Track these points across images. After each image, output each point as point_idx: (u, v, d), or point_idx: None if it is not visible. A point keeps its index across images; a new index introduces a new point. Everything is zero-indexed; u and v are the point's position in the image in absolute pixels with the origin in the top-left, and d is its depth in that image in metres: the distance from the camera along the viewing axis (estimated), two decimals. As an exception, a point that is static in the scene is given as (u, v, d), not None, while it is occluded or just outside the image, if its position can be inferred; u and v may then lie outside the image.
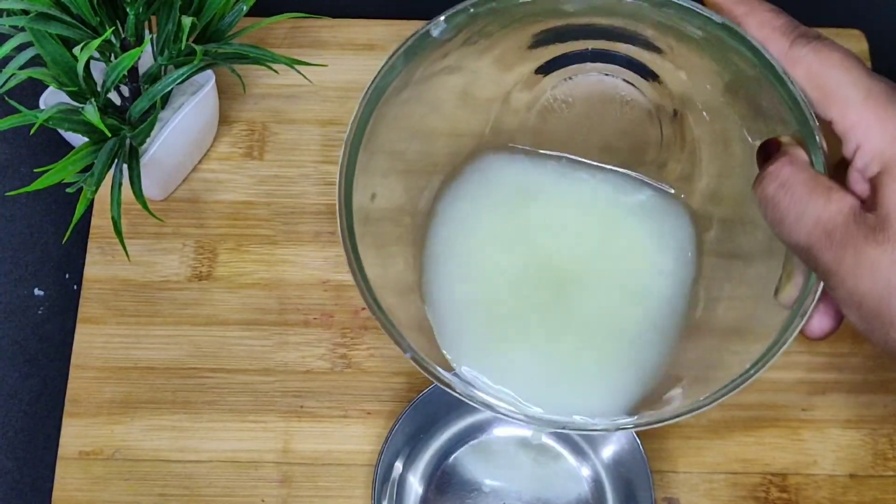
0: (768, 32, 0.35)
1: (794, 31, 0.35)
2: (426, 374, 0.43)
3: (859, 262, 0.33)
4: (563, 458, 0.53)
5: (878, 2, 0.67)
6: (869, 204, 0.34)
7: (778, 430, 0.54)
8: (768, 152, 0.38)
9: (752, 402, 0.54)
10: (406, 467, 0.52)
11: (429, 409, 0.52)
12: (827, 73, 0.34)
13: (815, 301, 0.37)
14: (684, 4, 0.36)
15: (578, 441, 0.53)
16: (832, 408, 0.54)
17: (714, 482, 0.53)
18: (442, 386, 0.43)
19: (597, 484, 0.52)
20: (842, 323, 0.39)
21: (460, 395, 0.43)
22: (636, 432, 0.49)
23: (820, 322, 0.38)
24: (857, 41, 0.63)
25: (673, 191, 0.46)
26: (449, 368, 0.44)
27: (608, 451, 0.52)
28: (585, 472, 0.52)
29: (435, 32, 0.37)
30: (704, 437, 0.54)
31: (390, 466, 0.51)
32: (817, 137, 0.35)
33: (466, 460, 0.53)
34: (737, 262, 0.45)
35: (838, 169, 0.36)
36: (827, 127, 0.36)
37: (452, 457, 0.53)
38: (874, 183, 0.34)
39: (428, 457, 0.53)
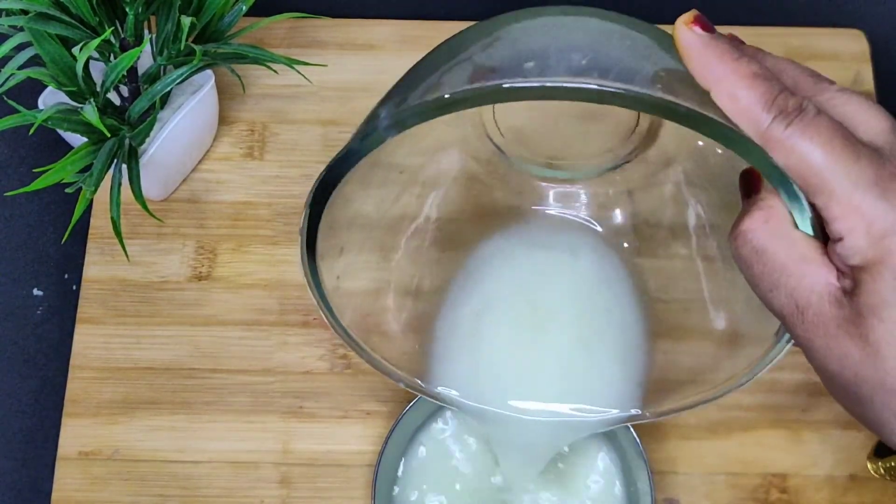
0: (743, 106, 0.30)
1: (772, 103, 0.30)
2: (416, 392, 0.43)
3: (829, 347, 0.32)
4: (564, 462, 0.53)
5: (878, 2, 0.67)
6: (846, 284, 0.32)
7: (778, 432, 0.54)
8: (750, 177, 0.35)
9: (751, 404, 0.54)
10: (406, 468, 0.52)
11: (429, 409, 0.52)
12: (810, 159, 0.30)
13: None
14: (639, 94, 0.30)
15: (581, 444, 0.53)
16: (832, 409, 0.54)
17: (714, 483, 0.53)
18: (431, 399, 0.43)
19: (597, 485, 0.52)
20: None
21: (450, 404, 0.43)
22: (637, 434, 0.49)
23: None
24: (857, 41, 0.63)
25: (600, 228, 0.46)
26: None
27: (609, 452, 0.52)
28: (586, 474, 0.52)
29: (386, 134, 0.35)
30: (705, 438, 0.54)
31: (390, 467, 0.51)
32: (802, 201, 0.32)
33: (466, 461, 0.53)
34: (727, 266, 0.45)
35: None
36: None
37: (453, 456, 0.53)
38: (854, 273, 0.31)
39: (427, 457, 0.53)
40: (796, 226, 0.32)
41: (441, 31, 0.69)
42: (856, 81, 0.62)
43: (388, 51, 0.63)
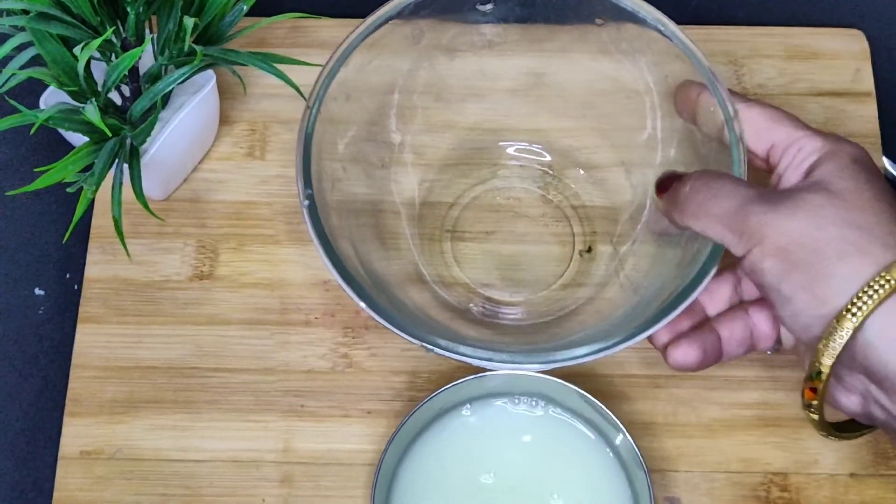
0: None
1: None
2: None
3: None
4: (562, 462, 0.53)
5: (878, 2, 0.67)
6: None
7: (779, 430, 0.54)
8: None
9: (752, 402, 0.55)
10: (407, 468, 0.52)
11: (431, 410, 0.52)
12: None
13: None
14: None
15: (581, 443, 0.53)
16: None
17: (715, 482, 0.53)
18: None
19: (596, 485, 0.52)
20: (705, 364, 0.45)
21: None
22: (630, 433, 0.50)
23: (685, 353, 0.45)
24: (857, 41, 0.63)
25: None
26: None
27: (606, 452, 0.52)
28: (584, 474, 0.52)
29: None
30: (705, 436, 0.54)
31: (391, 466, 0.51)
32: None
33: (467, 461, 0.53)
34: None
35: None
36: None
37: (453, 457, 0.53)
38: (810, 168, 0.44)
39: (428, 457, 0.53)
40: None
41: (442, 30, 0.68)
42: (855, 81, 0.62)
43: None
